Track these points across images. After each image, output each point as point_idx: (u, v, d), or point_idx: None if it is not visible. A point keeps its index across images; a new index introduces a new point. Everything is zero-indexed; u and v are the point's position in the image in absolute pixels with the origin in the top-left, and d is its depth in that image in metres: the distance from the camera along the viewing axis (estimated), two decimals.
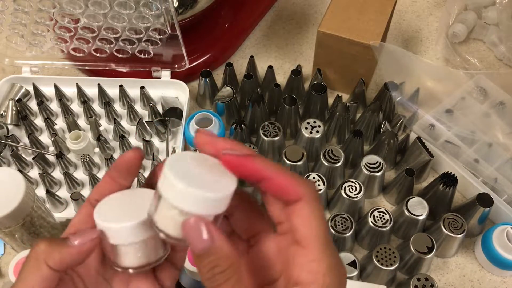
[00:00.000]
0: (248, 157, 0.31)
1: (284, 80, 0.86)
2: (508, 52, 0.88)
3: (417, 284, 0.62)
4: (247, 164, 0.31)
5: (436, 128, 0.75)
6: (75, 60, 0.84)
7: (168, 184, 0.30)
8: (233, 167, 0.32)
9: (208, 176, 0.31)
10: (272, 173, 0.31)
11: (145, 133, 0.78)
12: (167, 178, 0.30)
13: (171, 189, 0.29)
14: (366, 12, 0.78)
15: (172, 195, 0.29)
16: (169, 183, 0.29)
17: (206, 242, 0.29)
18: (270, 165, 0.31)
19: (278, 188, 0.31)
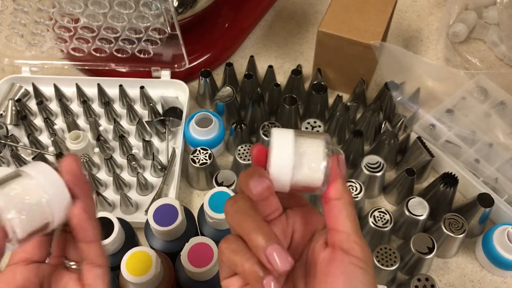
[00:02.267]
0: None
1: (284, 80, 0.86)
2: (508, 51, 0.88)
3: (417, 284, 0.62)
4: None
5: (436, 128, 0.75)
6: (75, 60, 0.84)
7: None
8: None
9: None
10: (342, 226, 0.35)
11: (145, 133, 0.78)
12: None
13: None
14: (366, 12, 0.78)
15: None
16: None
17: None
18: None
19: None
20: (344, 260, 0.33)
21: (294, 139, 0.35)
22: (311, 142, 0.36)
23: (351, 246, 0.33)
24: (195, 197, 0.76)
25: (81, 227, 0.35)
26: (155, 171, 0.75)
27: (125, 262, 0.54)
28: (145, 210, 0.72)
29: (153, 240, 0.61)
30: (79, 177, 0.35)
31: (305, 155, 0.35)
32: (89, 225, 0.35)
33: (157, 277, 0.54)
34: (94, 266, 0.36)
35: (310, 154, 0.35)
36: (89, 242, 0.36)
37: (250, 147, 0.73)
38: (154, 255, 0.54)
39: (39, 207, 0.33)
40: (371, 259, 0.34)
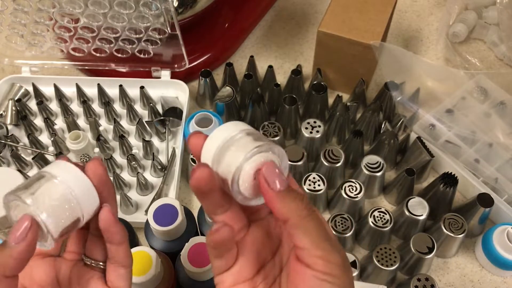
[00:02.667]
0: (281, 195, 0.33)
1: (284, 80, 0.86)
2: (508, 52, 0.88)
3: (417, 284, 0.62)
4: (276, 201, 0.33)
5: (436, 128, 0.75)
6: (75, 60, 0.84)
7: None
8: (268, 200, 0.33)
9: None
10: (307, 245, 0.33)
11: (145, 133, 0.78)
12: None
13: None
14: (366, 12, 0.78)
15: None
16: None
17: (285, 179, 0.33)
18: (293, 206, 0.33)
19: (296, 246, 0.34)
20: (307, 273, 0.33)
21: (231, 134, 0.34)
22: (245, 143, 0.33)
23: (313, 261, 0.32)
24: (195, 197, 0.76)
25: (110, 230, 0.36)
26: (155, 171, 0.75)
27: None
28: (145, 210, 0.72)
29: (153, 240, 0.61)
30: (105, 180, 0.36)
31: (228, 153, 0.33)
32: (117, 227, 0.36)
33: (157, 277, 0.54)
34: (119, 266, 0.37)
35: (232, 154, 0.33)
36: (118, 244, 0.37)
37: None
38: (154, 255, 0.54)
39: (68, 206, 0.34)
40: (341, 269, 0.33)
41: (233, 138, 0.34)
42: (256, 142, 0.33)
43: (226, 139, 0.34)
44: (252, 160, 0.33)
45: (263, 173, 0.32)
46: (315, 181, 0.69)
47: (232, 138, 0.34)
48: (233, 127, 0.35)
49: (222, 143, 0.34)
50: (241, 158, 0.32)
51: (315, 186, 0.69)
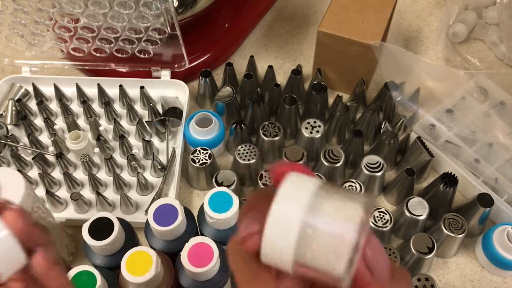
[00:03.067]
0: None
1: (284, 80, 0.86)
2: (508, 52, 0.88)
3: (417, 284, 0.62)
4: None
5: (436, 128, 0.75)
6: (75, 60, 0.84)
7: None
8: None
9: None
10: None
11: (145, 133, 0.78)
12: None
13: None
14: (366, 12, 0.78)
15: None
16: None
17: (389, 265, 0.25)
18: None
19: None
20: None
21: (312, 197, 0.24)
22: (339, 206, 0.24)
23: None
24: (195, 197, 0.76)
25: (46, 277, 0.34)
26: (155, 171, 0.75)
27: (125, 262, 0.54)
28: (145, 210, 0.72)
29: (153, 240, 0.61)
30: (28, 231, 0.33)
31: (322, 229, 0.24)
32: (54, 273, 0.34)
33: (157, 277, 0.54)
34: None
35: (331, 231, 0.23)
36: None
37: (250, 147, 0.73)
38: (154, 255, 0.54)
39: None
40: None
41: (316, 202, 0.24)
42: (353, 203, 0.24)
43: (308, 207, 0.24)
44: (365, 231, 0.24)
45: (366, 256, 0.24)
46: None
47: (314, 203, 0.24)
48: (304, 187, 0.24)
49: (306, 215, 0.23)
50: (355, 233, 0.23)
51: None
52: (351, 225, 0.23)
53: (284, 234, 0.24)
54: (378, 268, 0.24)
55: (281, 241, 0.24)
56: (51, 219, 0.64)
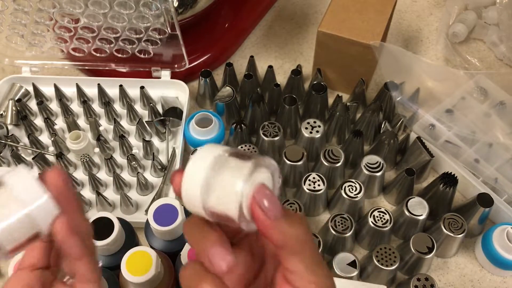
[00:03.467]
0: (274, 223, 0.31)
1: (284, 80, 0.86)
2: (508, 52, 0.88)
3: (417, 284, 0.62)
4: (271, 227, 0.31)
5: (436, 128, 0.75)
6: (75, 60, 0.84)
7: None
8: (262, 227, 0.31)
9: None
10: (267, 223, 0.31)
11: (145, 133, 0.78)
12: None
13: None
14: (366, 12, 0.78)
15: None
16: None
17: (279, 206, 0.31)
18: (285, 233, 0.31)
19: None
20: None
21: (214, 158, 0.31)
22: (236, 165, 0.30)
23: (304, 285, 0.31)
24: None
25: (66, 243, 0.34)
26: (155, 171, 0.75)
27: (125, 262, 0.54)
28: (145, 210, 0.72)
29: (153, 240, 0.61)
30: (64, 192, 0.34)
31: (221, 178, 0.30)
32: (75, 241, 0.34)
33: (157, 277, 0.54)
34: (85, 283, 0.35)
35: (227, 179, 0.30)
36: (77, 259, 0.35)
37: (250, 147, 0.74)
38: (154, 255, 0.54)
39: (20, 221, 0.32)
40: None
41: (219, 162, 0.31)
42: (246, 162, 0.31)
43: (210, 166, 0.31)
44: (252, 182, 0.30)
45: (256, 200, 0.30)
46: (315, 181, 0.69)
47: (217, 163, 0.31)
48: (211, 151, 0.32)
49: (208, 171, 0.30)
50: (241, 183, 0.30)
51: (315, 186, 0.69)
52: (240, 177, 0.30)
53: (193, 185, 0.31)
54: (268, 209, 0.30)
55: (191, 191, 0.31)
56: None
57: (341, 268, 0.63)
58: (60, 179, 0.34)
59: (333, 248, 0.68)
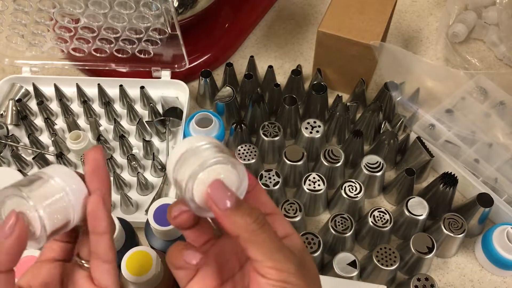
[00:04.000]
0: (228, 214, 0.34)
1: (284, 80, 0.86)
2: (508, 52, 0.88)
3: (417, 284, 0.62)
4: (225, 219, 0.34)
5: (436, 128, 0.75)
6: (75, 60, 0.84)
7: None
8: (217, 216, 0.34)
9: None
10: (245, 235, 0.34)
11: (145, 133, 0.78)
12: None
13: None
14: (366, 12, 0.78)
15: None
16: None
17: (234, 196, 0.33)
18: (244, 227, 0.34)
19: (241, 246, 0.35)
20: (262, 282, 0.34)
21: (196, 144, 0.35)
22: (208, 154, 0.34)
23: (266, 271, 0.34)
24: None
25: (95, 215, 0.36)
26: (155, 171, 0.75)
27: (125, 262, 0.54)
28: (145, 210, 0.72)
29: (153, 240, 0.61)
30: (101, 167, 0.37)
31: (188, 161, 0.34)
32: (103, 215, 0.36)
33: (157, 277, 0.54)
34: (102, 262, 0.37)
35: (191, 162, 0.34)
36: (100, 234, 0.36)
37: (250, 147, 0.74)
38: (154, 255, 0.54)
39: (62, 208, 0.35)
40: (296, 276, 0.34)
41: (198, 148, 0.35)
42: (217, 154, 0.34)
43: (190, 148, 0.35)
44: (209, 170, 0.33)
45: (209, 191, 0.33)
46: (315, 181, 0.69)
47: (197, 148, 0.35)
48: (200, 138, 0.36)
49: (184, 151, 0.35)
50: (197, 166, 0.33)
51: (315, 186, 0.69)
52: (197, 163, 0.34)
53: (171, 162, 0.35)
54: (219, 200, 0.33)
55: (170, 165, 0.36)
56: None
57: (341, 268, 0.63)
58: (100, 153, 0.37)
59: (333, 248, 0.68)
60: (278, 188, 0.70)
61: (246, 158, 0.72)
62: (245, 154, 0.73)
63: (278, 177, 0.70)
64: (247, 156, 0.73)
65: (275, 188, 0.69)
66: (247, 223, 0.33)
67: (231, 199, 0.33)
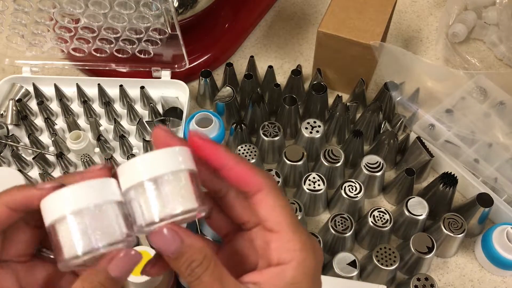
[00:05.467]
0: (213, 143, 0.33)
1: (284, 80, 0.86)
2: (508, 52, 0.88)
3: (417, 284, 0.62)
4: (211, 148, 0.33)
5: (436, 128, 0.75)
6: (75, 60, 0.84)
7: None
8: (198, 149, 0.33)
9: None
10: (233, 162, 0.33)
11: (145, 133, 0.78)
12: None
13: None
14: (366, 12, 0.78)
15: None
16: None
17: (177, 244, 0.31)
18: (232, 155, 0.33)
19: (237, 177, 0.33)
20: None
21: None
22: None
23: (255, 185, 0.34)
24: None
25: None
26: None
27: None
28: None
29: None
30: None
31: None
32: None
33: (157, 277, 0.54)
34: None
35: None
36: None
37: (250, 147, 0.74)
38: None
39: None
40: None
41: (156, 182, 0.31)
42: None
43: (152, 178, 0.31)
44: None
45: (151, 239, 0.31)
46: (315, 181, 0.69)
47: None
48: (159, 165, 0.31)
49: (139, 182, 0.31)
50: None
51: (315, 186, 0.69)
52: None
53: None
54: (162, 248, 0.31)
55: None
56: None
57: (341, 268, 0.63)
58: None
59: (333, 248, 0.68)
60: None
61: (246, 158, 0.73)
62: (245, 154, 0.73)
63: (278, 177, 0.70)
64: (247, 156, 0.73)
65: None
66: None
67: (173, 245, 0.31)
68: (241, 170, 0.33)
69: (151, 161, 0.31)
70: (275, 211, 0.33)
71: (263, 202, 0.33)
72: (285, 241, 0.33)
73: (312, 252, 0.33)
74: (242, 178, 0.33)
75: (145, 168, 0.31)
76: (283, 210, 0.33)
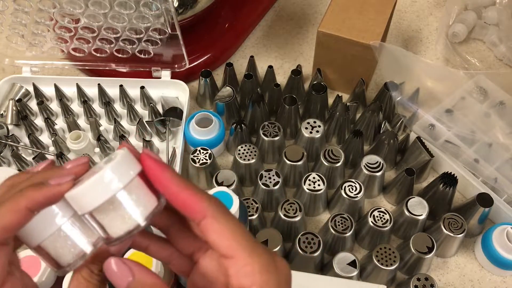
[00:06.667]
0: (160, 166, 0.32)
1: (284, 80, 0.86)
2: (508, 52, 0.88)
3: (417, 284, 0.62)
4: (156, 170, 0.32)
5: (436, 128, 0.75)
6: (75, 60, 0.84)
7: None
8: (145, 170, 0.33)
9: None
10: (176, 188, 0.32)
11: (145, 133, 0.78)
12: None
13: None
14: (366, 12, 0.78)
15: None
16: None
17: (127, 279, 0.32)
18: (176, 180, 0.32)
19: (182, 205, 0.32)
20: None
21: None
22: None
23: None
24: None
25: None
26: None
27: None
28: None
29: None
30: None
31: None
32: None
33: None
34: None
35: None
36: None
37: (250, 147, 0.74)
38: None
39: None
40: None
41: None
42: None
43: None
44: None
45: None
46: (315, 181, 0.69)
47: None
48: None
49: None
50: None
51: (315, 186, 0.69)
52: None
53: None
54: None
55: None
56: None
57: (341, 268, 0.63)
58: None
59: (333, 248, 0.68)
60: (278, 188, 0.70)
61: (246, 158, 0.73)
62: (245, 154, 0.73)
63: (278, 177, 0.70)
64: (247, 156, 0.73)
65: (275, 188, 0.69)
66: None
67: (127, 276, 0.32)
68: (184, 197, 0.32)
69: (89, 193, 0.33)
70: (224, 236, 0.31)
71: (209, 229, 0.31)
72: (242, 266, 0.31)
73: (274, 271, 0.32)
74: (186, 205, 0.32)
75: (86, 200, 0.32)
76: (233, 233, 0.31)
